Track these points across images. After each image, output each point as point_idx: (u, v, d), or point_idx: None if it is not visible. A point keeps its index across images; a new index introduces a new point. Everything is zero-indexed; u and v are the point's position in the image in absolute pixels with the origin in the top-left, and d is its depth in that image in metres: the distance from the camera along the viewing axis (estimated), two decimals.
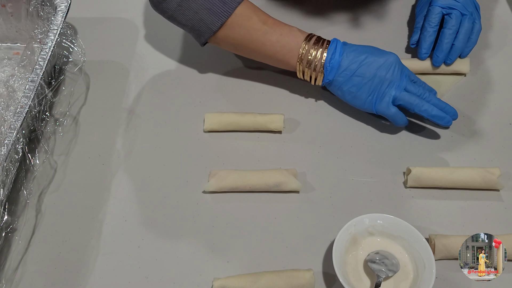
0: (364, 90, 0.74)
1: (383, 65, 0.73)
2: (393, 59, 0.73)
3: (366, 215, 0.64)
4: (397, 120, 0.75)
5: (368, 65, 0.73)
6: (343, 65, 0.73)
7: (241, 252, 0.66)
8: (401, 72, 0.73)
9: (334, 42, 0.75)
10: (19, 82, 0.75)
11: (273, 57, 0.76)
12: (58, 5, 0.79)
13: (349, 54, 0.74)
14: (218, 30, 0.74)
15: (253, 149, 0.76)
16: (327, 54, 0.74)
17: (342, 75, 0.74)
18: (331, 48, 0.74)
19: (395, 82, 0.73)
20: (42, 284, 0.63)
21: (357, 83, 0.73)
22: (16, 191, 0.70)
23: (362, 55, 0.73)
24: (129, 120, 0.79)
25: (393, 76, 0.73)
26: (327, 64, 0.74)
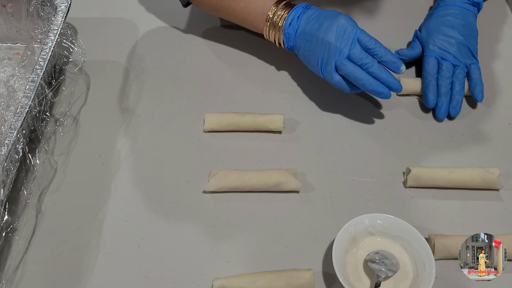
0: (313, 56, 0.73)
1: (331, 29, 0.71)
2: (341, 22, 0.71)
3: (366, 215, 0.64)
4: (342, 88, 0.74)
5: (317, 29, 0.72)
6: (299, 31, 0.74)
7: (241, 252, 0.66)
8: (347, 36, 0.71)
9: (297, 7, 0.75)
10: (20, 82, 0.75)
11: (244, 21, 0.80)
12: (58, 5, 0.79)
13: (306, 19, 0.74)
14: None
15: (253, 149, 0.76)
16: (287, 18, 0.75)
17: (299, 39, 0.75)
18: (291, 13, 0.74)
19: (338, 49, 0.71)
20: (42, 284, 0.63)
21: (308, 47, 0.74)
22: (16, 191, 0.70)
23: (317, 19, 0.73)
24: (129, 120, 0.79)
25: (337, 41, 0.71)
26: (285, 29, 0.75)
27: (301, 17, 0.75)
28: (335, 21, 0.71)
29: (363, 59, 0.71)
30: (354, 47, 0.71)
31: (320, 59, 0.73)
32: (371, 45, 0.71)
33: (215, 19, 0.93)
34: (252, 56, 0.87)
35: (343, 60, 0.71)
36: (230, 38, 0.90)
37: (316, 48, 0.73)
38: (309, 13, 0.75)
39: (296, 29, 0.75)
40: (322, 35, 0.71)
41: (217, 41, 0.90)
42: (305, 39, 0.74)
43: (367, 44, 0.71)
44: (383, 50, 0.71)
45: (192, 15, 0.94)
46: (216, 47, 0.89)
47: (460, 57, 0.79)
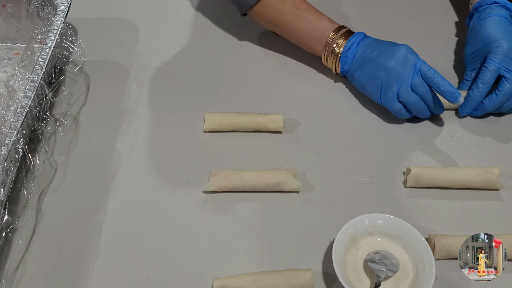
0: (371, 82, 0.75)
1: (393, 57, 0.73)
2: (402, 52, 0.73)
3: (366, 215, 0.64)
4: (400, 116, 0.76)
5: (378, 56, 0.74)
6: (357, 55, 0.77)
7: (241, 252, 0.66)
8: (410, 65, 0.73)
9: (358, 35, 0.78)
10: (20, 82, 0.75)
11: (301, 40, 0.81)
12: (58, 5, 0.79)
13: (365, 45, 0.77)
14: (254, 5, 0.80)
15: (253, 149, 0.76)
16: (346, 44, 0.77)
17: (355, 64, 0.77)
18: (351, 40, 0.77)
19: (401, 76, 0.73)
20: (42, 284, 0.63)
21: (366, 73, 0.76)
22: (16, 191, 0.70)
23: (376, 46, 0.76)
24: (129, 120, 0.79)
25: (400, 69, 0.73)
26: (343, 54, 0.77)
27: (361, 43, 0.77)
28: (397, 50, 0.74)
29: (423, 89, 0.73)
30: (416, 76, 0.73)
31: (380, 85, 0.75)
32: (431, 74, 0.72)
33: (215, 19, 0.93)
34: (252, 56, 0.87)
35: (406, 89, 0.73)
36: (231, 38, 0.90)
37: (376, 74, 0.75)
38: (368, 40, 0.78)
39: (354, 53, 0.77)
40: (383, 61, 0.74)
41: (218, 41, 0.90)
42: (363, 64, 0.76)
43: (426, 73, 0.73)
44: (441, 80, 0.72)
45: (192, 15, 0.94)
46: (217, 47, 0.89)
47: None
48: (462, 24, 0.92)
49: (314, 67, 0.85)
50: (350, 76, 0.79)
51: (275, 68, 0.86)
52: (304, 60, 0.86)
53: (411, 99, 0.73)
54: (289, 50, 0.87)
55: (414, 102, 0.74)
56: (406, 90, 0.73)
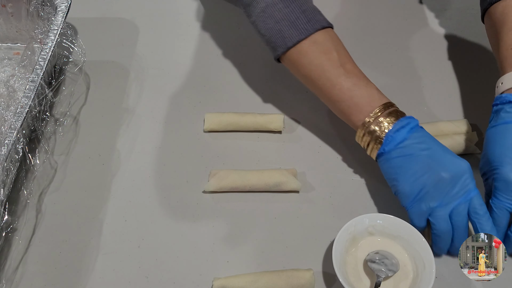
0: (409, 179, 0.62)
1: (450, 169, 0.61)
2: (467, 170, 0.61)
3: (366, 215, 0.64)
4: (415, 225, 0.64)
5: (433, 156, 0.62)
6: (406, 142, 0.63)
7: (241, 252, 0.66)
8: (463, 189, 0.61)
9: (409, 118, 0.65)
10: (20, 82, 0.75)
11: (337, 104, 0.68)
12: (58, 5, 0.79)
13: (419, 135, 0.63)
14: (292, 47, 0.68)
15: (253, 149, 0.76)
16: (395, 125, 0.64)
17: (399, 150, 0.63)
18: (402, 121, 0.64)
19: (447, 196, 0.61)
20: (42, 284, 0.63)
21: (408, 167, 0.62)
22: (16, 191, 0.70)
23: (433, 143, 0.63)
24: (129, 120, 0.79)
25: (451, 188, 0.61)
26: (390, 133, 0.64)
27: (414, 129, 0.64)
28: (459, 164, 0.61)
29: (463, 223, 0.61)
30: (462, 205, 0.61)
31: (418, 189, 0.62)
32: (481, 211, 0.60)
33: (215, 19, 0.93)
34: (252, 56, 0.87)
35: (445, 213, 0.61)
36: (230, 38, 0.90)
37: (420, 174, 0.61)
38: (423, 131, 0.64)
39: (404, 138, 0.63)
40: (436, 166, 0.61)
41: (217, 41, 0.90)
42: (408, 153, 0.62)
43: (477, 208, 0.61)
44: (489, 225, 0.60)
45: (192, 15, 0.94)
46: (216, 47, 0.89)
47: None
48: (463, 24, 0.93)
49: None
50: (386, 160, 0.65)
51: (275, 68, 0.85)
52: None
53: (442, 226, 0.61)
54: None
55: (442, 232, 0.61)
56: (443, 213, 0.61)
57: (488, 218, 0.61)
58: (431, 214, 0.62)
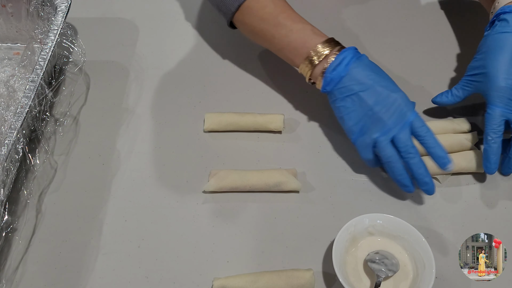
0: (351, 117, 0.67)
1: (384, 103, 0.65)
2: (400, 100, 0.65)
3: (366, 215, 0.64)
4: (365, 161, 0.69)
5: (368, 93, 0.66)
6: (344, 81, 0.67)
7: (241, 252, 0.66)
8: (400, 117, 0.65)
9: (347, 52, 0.67)
10: (20, 82, 0.75)
11: (281, 51, 0.73)
12: (58, 5, 0.79)
13: (355, 72, 0.66)
14: (235, 11, 0.74)
15: (253, 149, 0.76)
16: (332, 63, 0.67)
17: (340, 91, 0.67)
18: (339, 57, 0.67)
19: (386, 126, 0.65)
20: (42, 284, 0.63)
21: (349, 106, 0.67)
22: (16, 191, 0.70)
23: (370, 80, 0.66)
24: (129, 120, 0.79)
25: (389, 118, 0.65)
26: (327, 73, 0.68)
27: (350, 65, 0.67)
28: (391, 96, 0.65)
29: (407, 147, 0.65)
30: (402, 131, 0.65)
31: (360, 125, 0.67)
32: (422, 132, 0.65)
33: (215, 19, 0.93)
34: (252, 56, 0.87)
35: (386, 141, 0.65)
36: (230, 38, 0.90)
37: (358, 112, 0.66)
38: (360, 63, 0.67)
39: (341, 76, 0.67)
40: (371, 102, 0.65)
41: (217, 41, 0.90)
42: (347, 93, 0.67)
43: (417, 130, 0.65)
44: (432, 141, 0.65)
45: (192, 15, 0.94)
46: (216, 47, 0.89)
47: None
48: (463, 24, 0.93)
49: None
50: (331, 101, 0.70)
51: (275, 68, 0.85)
52: None
53: (385, 152, 0.65)
54: None
55: (388, 156, 0.65)
56: (385, 141, 0.65)
57: (430, 135, 0.65)
58: (375, 145, 0.66)
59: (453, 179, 0.72)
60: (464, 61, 0.87)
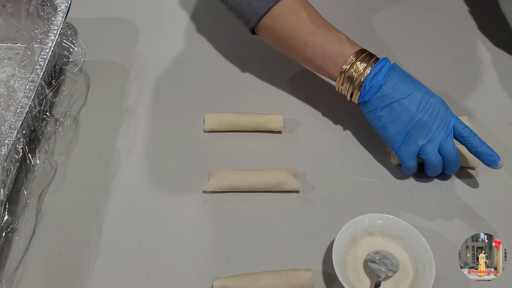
0: (395, 125, 0.68)
1: (426, 107, 0.66)
2: (439, 104, 0.66)
3: (366, 215, 0.64)
4: (407, 171, 0.71)
5: (410, 100, 0.66)
6: (384, 90, 0.67)
7: (241, 252, 0.66)
8: (444, 122, 0.66)
9: (383, 61, 0.68)
10: (20, 82, 0.75)
11: (313, 60, 0.71)
12: (58, 5, 0.79)
13: (394, 80, 0.67)
14: (263, 16, 0.71)
15: (253, 149, 0.76)
16: (370, 72, 0.67)
17: (380, 100, 0.68)
18: (376, 67, 0.67)
19: (430, 132, 0.66)
20: (42, 284, 0.63)
21: (392, 114, 0.67)
22: (16, 191, 0.70)
23: (408, 87, 0.67)
24: (129, 120, 0.79)
25: (431, 123, 0.66)
26: (367, 82, 0.67)
27: (388, 73, 0.67)
28: (431, 101, 0.66)
29: (453, 152, 0.67)
30: (449, 138, 0.66)
31: (403, 133, 0.67)
32: (466, 133, 0.66)
33: (215, 19, 0.93)
34: (252, 56, 0.87)
35: (433, 148, 0.67)
36: (230, 38, 0.90)
37: (402, 120, 0.67)
38: (396, 72, 0.68)
39: (380, 85, 0.67)
40: (413, 109, 0.66)
41: (217, 41, 0.90)
42: (388, 102, 0.67)
43: (461, 132, 0.66)
44: (478, 141, 0.66)
45: (192, 15, 0.94)
46: (216, 47, 0.89)
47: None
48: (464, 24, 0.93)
49: None
50: (370, 110, 0.69)
51: (275, 68, 0.86)
52: None
53: (435, 160, 0.67)
54: None
55: (436, 164, 0.68)
56: (432, 149, 0.67)
57: (474, 135, 0.66)
58: (422, 152, 0.67)
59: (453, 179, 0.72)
60: (465, 59, 0.87)
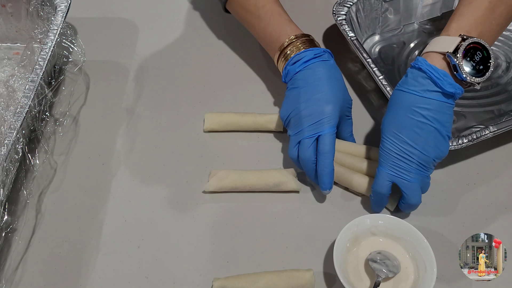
0: (285, 107, 0.71)
1: (312, 105, 0.67)
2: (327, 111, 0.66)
3: (367, 215, 0.65)
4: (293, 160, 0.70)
5: (305, 92, 0.68)
6: (296, 76, 0.70)
7: (241, 252, 0.66)
8: (314, 128, 0.66)
9: (310, 51, 0.69)
10: (19, 82, 0.75)
11: (261, 42, 0.77)
12: (58, 5, 0.79)
13: (308, 71, 0.69)
14: (226, 2, 0.78)
15: (253, 149, 0.76)
16: (292, 58, 0.70)
17: (290, 82, 0.71)
18: (301, 54, 0.69)
19: (298, 128, 0.68)
20: (42, 284, 0.63)
21: (288, 97, 0.71)
22: (16, 191, 0.70)
23: (316, 81, 0.68)
24: (129, 120, 0.79)
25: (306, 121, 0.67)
26: (287, 64, 0.71)
27: (309, 63, 0.69)
28: (322, 104, 0.67)
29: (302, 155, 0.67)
30: (306, 139, 0.66)
31: (285, 117, 0.70)
32: (323, 150, 0.65)
33: (214, 18, 0.93)
34: (252, 56, 0.87)
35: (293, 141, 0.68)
36: (231, 38, 0.90)
37: (291, 104, 0.69)
38: (317, 67, 0.69)
39: (296, 72, 0.70)
40: (302, 101, 0.68)
41: (217, 41, 0.90)
42: (292, 86, 0.70)
43: (320, 147, 0.66)
44: (325, 164, 0.65)
45: (192, 14, 0.94)
46: (216, 47, 0.89)
47: None
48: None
49: None
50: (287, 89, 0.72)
51: (275, 68, 0.85)
52: None
53: (290, 151, 0.68)
54: None
55: (293, 159, 0.69)
56: (292, 142, 0.68)
57: (328, 156, 0.65)
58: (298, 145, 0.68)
59: (453, 179, 0.72)
60: None
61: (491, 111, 0.78)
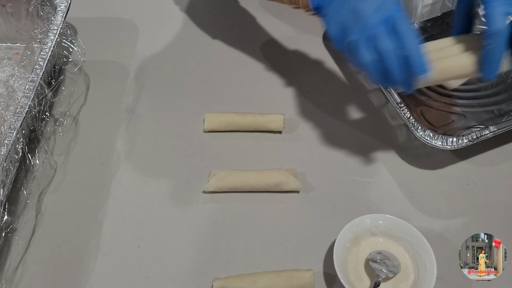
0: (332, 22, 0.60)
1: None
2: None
3: (367, 215, 0.64)
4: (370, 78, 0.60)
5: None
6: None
7: (241, 252, 0.66)
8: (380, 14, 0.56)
9: None
10: (19, 82, 0.75)
11: None
12: (58, 5, 0.79)
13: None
14: None
15: (253, 149, 0.76)
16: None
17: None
18: None
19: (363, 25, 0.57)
20: (42, 284, 0.63)
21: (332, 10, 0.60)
22: (16, 191, 0.70)
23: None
24: (129, 120, 0.79)
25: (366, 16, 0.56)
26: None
27: None
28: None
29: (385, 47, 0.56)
30: (380, 28, 0.56)
31: (341, 29, 0.59)
32: (401, 28, 0.56)
33: (215, 19, 0.93)
34: (252, 56, 0.87)
35: (365, 42, 0.57)
36: (230, 38, 0.90)
37: (340, 12, 0.58)
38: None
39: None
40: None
41: (217, 41, 0.90)
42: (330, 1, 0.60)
43: (397, 27, 0.56)
44: (411, 41, 0.56)
45: (192, 14, 0.94)
46: (216, 47, 0.89)
47: None
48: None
49: (314, 66, 0.85)
50: (323, 15, 0.62)
51: (275, 68, 0.86)
52: (304, 60, 0.86)
53: (365, 57, 0.57)
54: (290, 50, 0.87)
55: (367, 62, 0.58)
56: (363, 43, 0.57)
57: (411, 34, 0.56)
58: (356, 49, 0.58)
59: (454, 179, 0.72)
60: None
61: (491, 111, 0.78)
